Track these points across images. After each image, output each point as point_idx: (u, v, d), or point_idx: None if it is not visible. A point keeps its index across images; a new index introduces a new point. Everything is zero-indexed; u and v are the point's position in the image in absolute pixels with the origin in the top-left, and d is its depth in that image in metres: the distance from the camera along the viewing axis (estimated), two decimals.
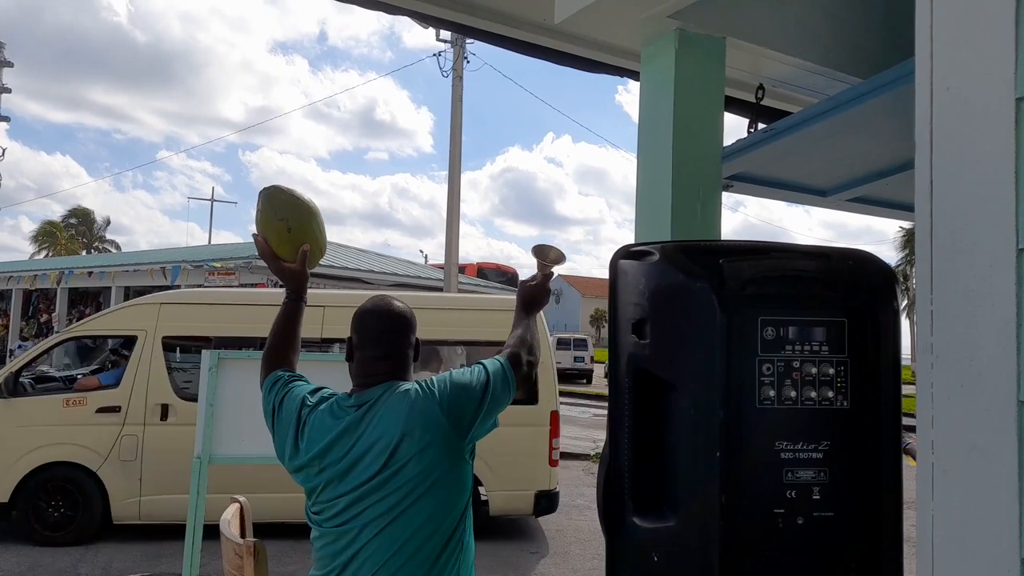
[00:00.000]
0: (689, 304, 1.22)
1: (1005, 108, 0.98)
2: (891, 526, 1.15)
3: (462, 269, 17.23)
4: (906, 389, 1.21)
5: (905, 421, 1.21)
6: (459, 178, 13.09)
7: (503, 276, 20.64)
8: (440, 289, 13.14)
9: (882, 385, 1.19)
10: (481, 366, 1.72)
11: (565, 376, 23.08)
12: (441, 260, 13.52)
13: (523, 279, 1.96)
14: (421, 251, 64.54)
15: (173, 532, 5.76)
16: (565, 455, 10.40)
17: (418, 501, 1.59)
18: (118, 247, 42.20)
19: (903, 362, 1.26)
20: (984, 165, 0.99)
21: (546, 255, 1.91)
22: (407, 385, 1.70)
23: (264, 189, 2.00)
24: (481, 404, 1.64)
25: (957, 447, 0.98)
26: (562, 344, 23.04)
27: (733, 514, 1.13)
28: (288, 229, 1.92)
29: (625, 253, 1.39)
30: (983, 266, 0.98)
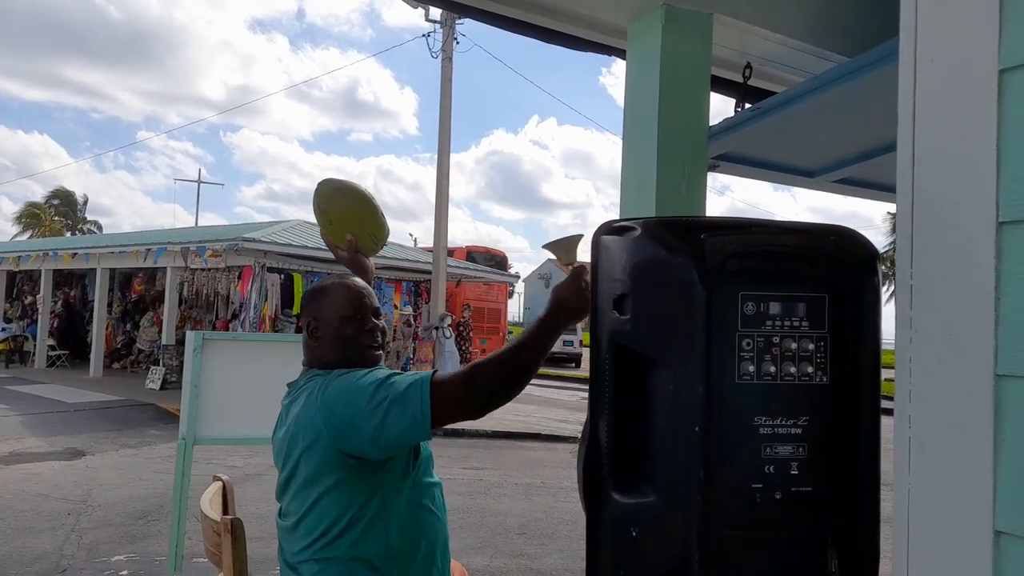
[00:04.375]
0: (670, 279, 1.21)
1: (988, 80, 0.97)
2: (868, 501, 1.15)
3: (451, 253, 17.20)
4: (887, 374, 1.21)
5: (885, 404, 1.21)
6: (448, 160, 13.01)
7: (492, 260, 20.61)
8: (429, 272, 13.11)
9: (861, 361, 1.19)
10: (398, 383, 1.50)
11: (555, 360, 23.17)
12: (431, 243, 13.46)
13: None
14: (411, 234, 64.30)
15: (159, 513, 5.75)
16: (552, 438, 10.46)
17: (313, 504, 1.52)
18: (100, 228, 41.79)
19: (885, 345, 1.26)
20: (966, 138, 0.99)
21: (561, 249, 1.56)
22: (317, 380, 1.60)
23: (318, 184, 2.02)
24: (365, 425, 1.47)
25: (934, 421, 0.98)
26: None
27: (711, 489, 1.13)
28: (329, 220, 1.94)
29: (607, 229, 1.38)
30: (963, 239, 0.97)
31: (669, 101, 2.04)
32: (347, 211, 1.91)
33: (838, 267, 1.21)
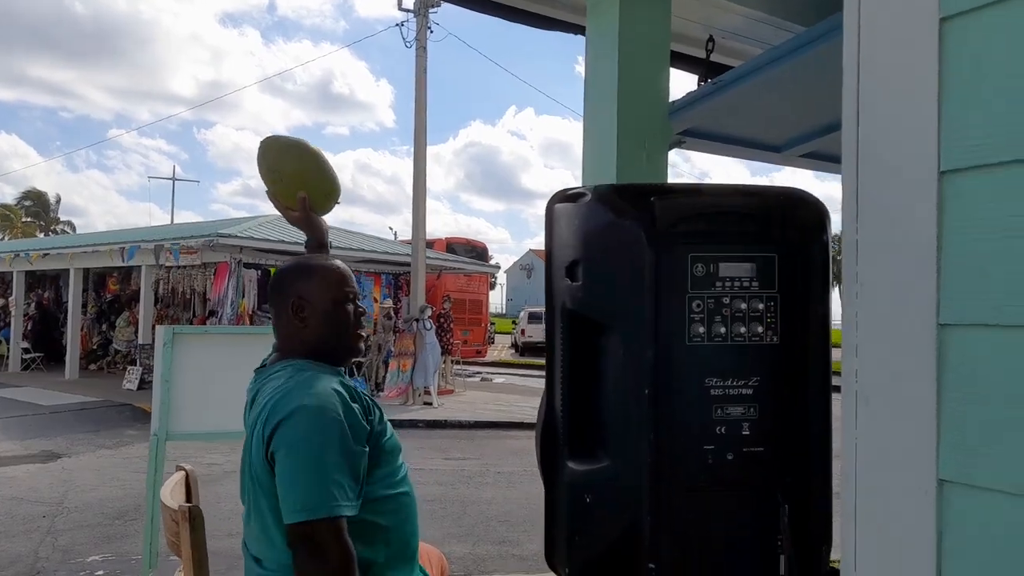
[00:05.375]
0: (620, 243, 1.20)
1: (929, 30, 0.96)
2: (819, 459, 1.15)
3: (431, 244, 17.13)
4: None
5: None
6: (425, 151, 12.94)
7: (472, 251, 20.57)
8: (408, 265, 13.05)
9: (812, 320, 1.18)
10: (327, 476, 1.35)
11: (537, 349, 23.18)
12: (411, 236, 13.40)
13: None
14: (390, 228, 64.00)
15: (136, 513, 5.69)
16: (528, 426, 10.47)
17: (259, 499, 1.47)
18: (74, 228, 41.20)
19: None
20: (908, 89, 0.98)
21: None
22: (286, 379, 1.50)
23: (260, 142, 1.94)
24: (282, 491, 1.39)
25: (879, 373, 0.97)
26: (533, 318, 23.17)
27: (663, 451, 1.12)
28: (280, 179, 1.86)
29: (560, 197, 1.36)
30: (907, 191, 0.96)
31: (628, 75, 2.03)
32: (299, 168, 1.84)
33: (788, 227, 1.20)
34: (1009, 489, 0.85)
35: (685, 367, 1.14)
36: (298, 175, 1.85)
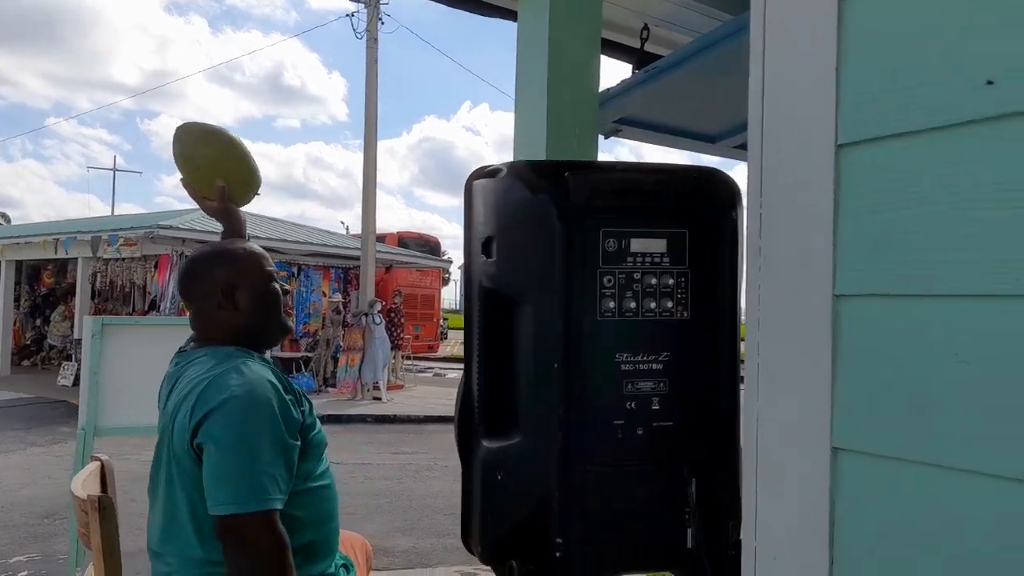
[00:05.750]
0: (532, 218, 1.19)
1: (829, 7, 0.97)
2: (728, 433, 1.16)
3: (382, 239, 16.94)
4: None
5: None
6: (375, 143, 12.79)
7: (425, 245, 20.42)
8: (358, 259, 12.88)
9: (721, 296, 1.19)
10: (260, 469, 1.31)
11: None
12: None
13: None
14: (342, 222, 63.02)
15: (67, 511, 5.48)
16: None
17: (174, 489, 1.42)
18: (8, 220, 39.50)
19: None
20: (809, 61, 0.99)
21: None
22: (212, 365, 1.45)
23: (176, 129, 1.86)
24: (209, 483, 1.34)
25: (780, 346, 0.99)
26: None
27: (572, 427, 1.12)
28: (197, 167, 1.80)
29: (478, 173, 1.35)
30: (807, 164, 0.98)
31: (559, 61, 2.02)
32: (218, 157, 1.78)
33: (699, 204, 1.21)
34: (895, 455, 0.87)
35: (595, 342, 1.14)
36: (217, 164, 1.79)
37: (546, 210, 1.15)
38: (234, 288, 1.55)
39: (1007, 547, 0.78)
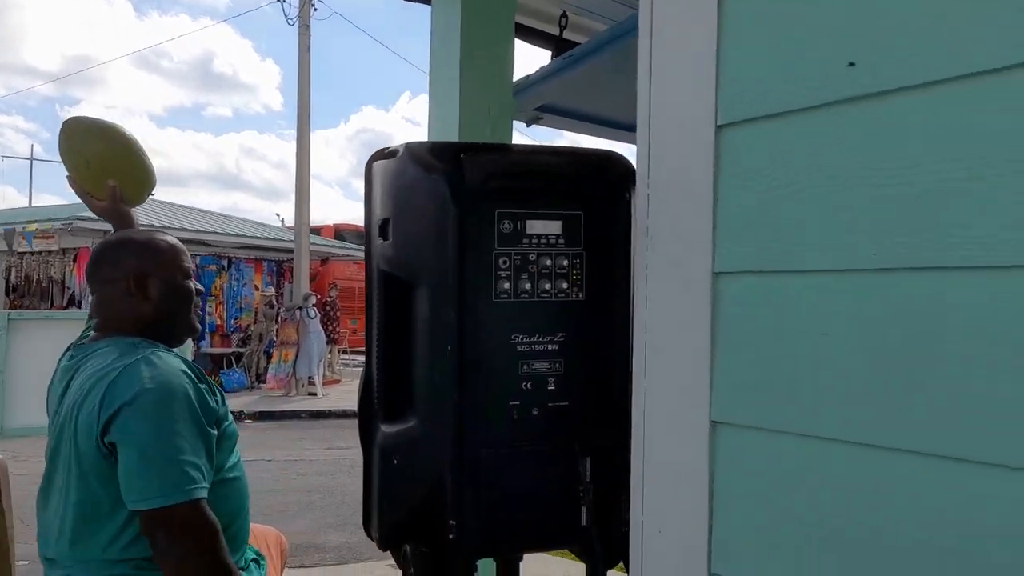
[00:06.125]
0: (427, 199, 1.18)
1: None
2: (621, 412, 1.18)
3: (318, 231, 16.62)
4: None
5: None
6: (308, 133, 12.52)
7: (362, 238, 20.11)
8: (292, 251, 12.61)
9: (616, 276, 1.21)
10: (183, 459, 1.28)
11: None
12: None
13: None
14: (277, 214, 61.59)
15: None
16: None
17: (88, 486, 1.36)
18: None
19: None
20: (692, 43, 1.01)
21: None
22: (117, 356, 1.39)
23: (64, 122, 1.76)
24: (107, 463, 1.32)
25: (664, 323, 1.01)
26: None
27: (467, 409, 1.12)
28: (87, 164, 1.71)
29: (377, 155, 1.33)
30: (689, 145, 1.00)
31: (471, 46, 2.01)
32: (109, 154, 1.70)
33: (595, 186, 1.22)
34: (769, 427, 0.90)
35: (491, 324, 1.14)
36: (109, 162, 1.71)
37: (441, 192, 1.15)
38: (146, 276, 1.50)
39: (875, 511, 0.82)
